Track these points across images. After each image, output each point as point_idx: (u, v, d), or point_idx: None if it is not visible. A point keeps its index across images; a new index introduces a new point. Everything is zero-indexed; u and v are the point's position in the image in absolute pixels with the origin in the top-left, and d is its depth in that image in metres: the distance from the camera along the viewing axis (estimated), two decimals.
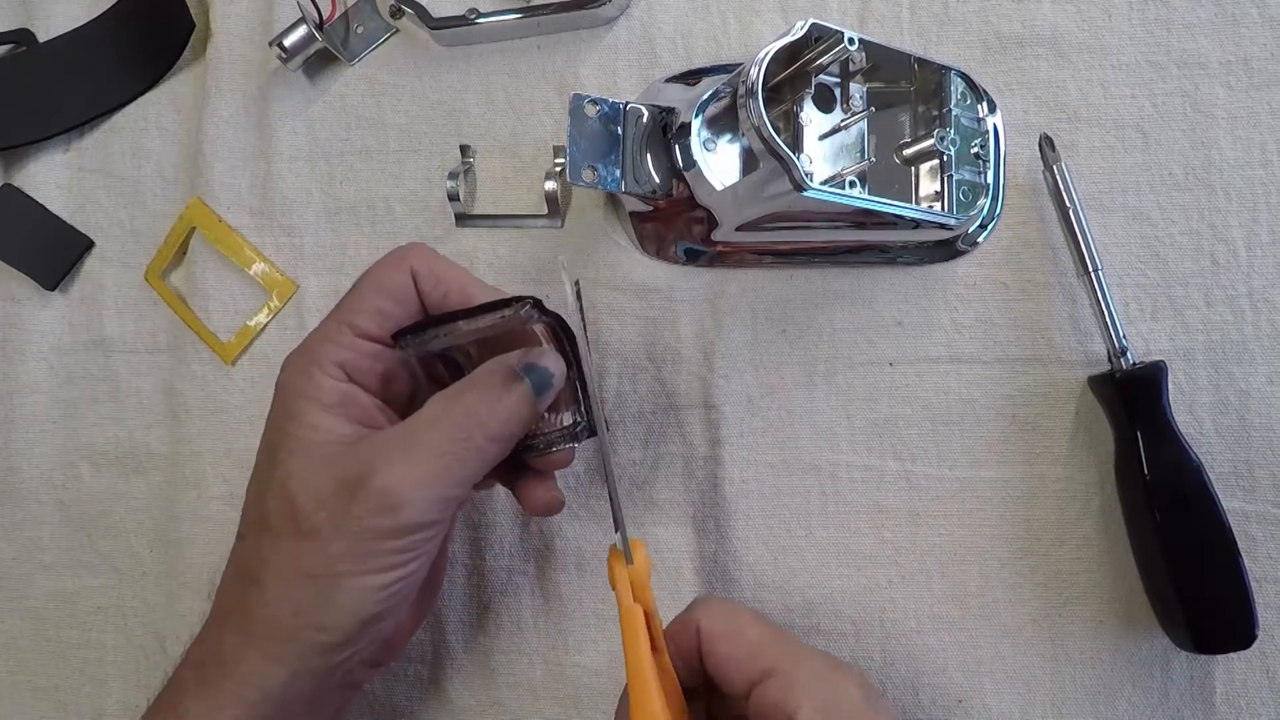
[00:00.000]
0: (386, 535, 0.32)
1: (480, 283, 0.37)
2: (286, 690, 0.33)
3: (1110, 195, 0.44)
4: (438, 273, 0.36)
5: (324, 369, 0.34)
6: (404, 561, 0.33)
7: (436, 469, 0.32)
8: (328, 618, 0.32)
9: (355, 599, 0.32)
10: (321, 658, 0.33)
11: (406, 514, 0.32)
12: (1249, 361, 0.43)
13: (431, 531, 0.33)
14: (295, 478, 0.33)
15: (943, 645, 0.43)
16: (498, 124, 0.46)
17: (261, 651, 0.33)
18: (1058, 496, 0.43)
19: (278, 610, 0.32)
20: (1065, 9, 0.45)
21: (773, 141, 0.34)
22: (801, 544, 0.44)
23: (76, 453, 0.48)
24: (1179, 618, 0.40)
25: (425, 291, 0.36)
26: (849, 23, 0.45)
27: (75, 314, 0.49)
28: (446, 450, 0.33)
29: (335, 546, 0.32)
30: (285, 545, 0.33)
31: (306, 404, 0.34)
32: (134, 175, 0.49)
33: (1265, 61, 0.44)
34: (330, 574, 0.32)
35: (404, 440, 0.33)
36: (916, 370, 0.44)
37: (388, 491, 0.32)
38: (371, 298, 0.35)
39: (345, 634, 0.33)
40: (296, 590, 0.32)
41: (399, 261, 0.36)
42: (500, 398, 0.34)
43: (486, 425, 0.33)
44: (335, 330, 0.35)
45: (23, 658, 0.48)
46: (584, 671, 0.44)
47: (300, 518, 0.32)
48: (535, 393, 0.34)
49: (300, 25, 0.45)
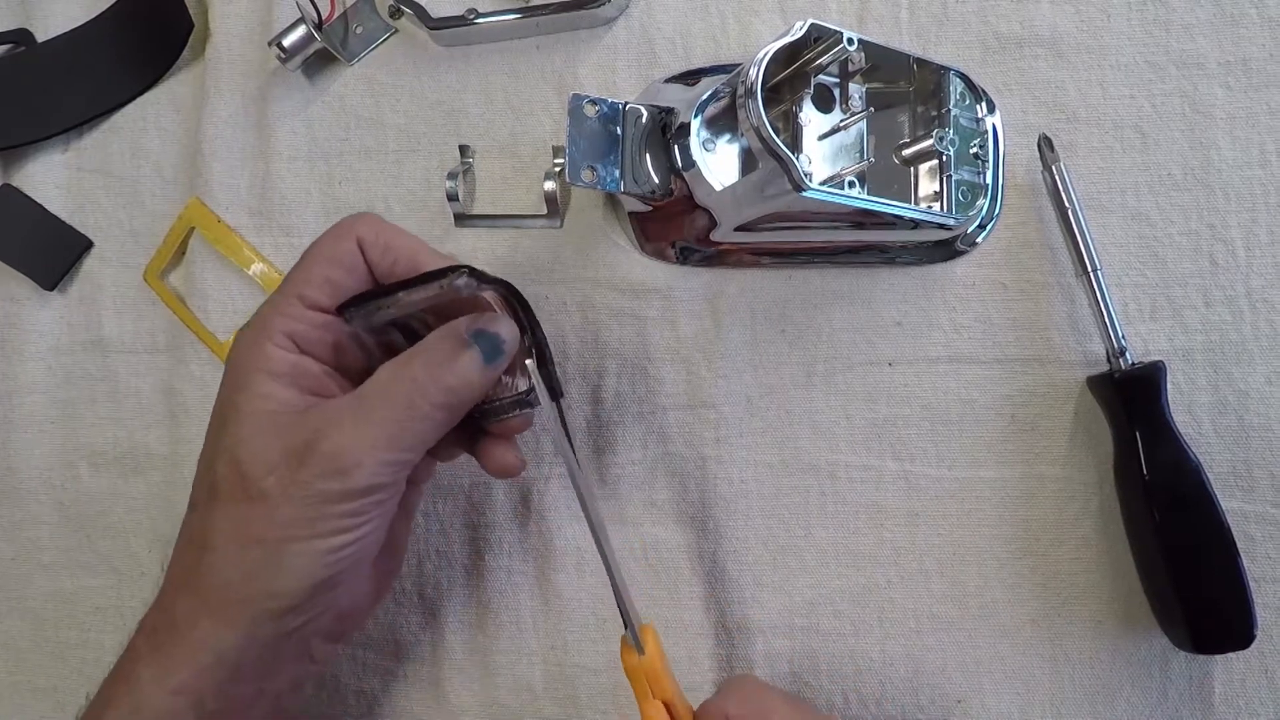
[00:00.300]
0: (336, 499, 0.32)
1: (432, 251, 0.37)
2: (239, 655, 0.33)
3: (1109, 195, 0.44)
4: (385, 241, 0.36)
5: (273, 340, 0.34)
6: (353, 526, 0.33)
7: (386, 433, 0.33)
8: (277, 582, 0.33)
9: (304, 563, 0.33)
10: (273, 623, 0.33)
11: (356, 477, 0.32)
12: (1248, 362, 0.43)
13: (382, 495, 0.34)
14: (244, 445, 0.33)
15: (942, 645, 0.43)
16: (497, 124, 0.46)
17: (214, 616, 0.33)
18: (1056, 496, 0.43)
19: (228, 575, 0.33)
20: (1064, 9, 0.45)
21: (772, 142, 0.34)
22: (800, 544, 0.44)
23: (75, 453, 0.48)
24: (1178, 618, 0.40)
25: (374, 261, 0.36)
26: (848, 23, 0.45)
27: (74, 314, 0.49)
28: (395, 416, 0.33)
29: (284, 511, 0.32)
30: (234, 511, 0.33)
31: (256, 375, 0.34)
32: (133, 175, 0.49)
33: (1264, 62, 0.44)
34: (279, 538, 0.32)
35: (354, 406, 0.33)
36: (915, 370, 0.44)
37: (337, 455, 0.32)
38: (320, 268, 0.35)
39: (295, 598, 0.33)
40: (246, 555, 0.33)
41: (346, 231, 0.36)
42: (448, 364, 0.34)
43: (434, 392, 0.33)
44: (284, 302, 0.35)
45: (21, 658, 0.48)
46: (583, 672, 0.44)
47: (248, 483, 0.33)
48: (485, 359, 0.34)
49: (299, 25, 0.45)
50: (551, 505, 0.45)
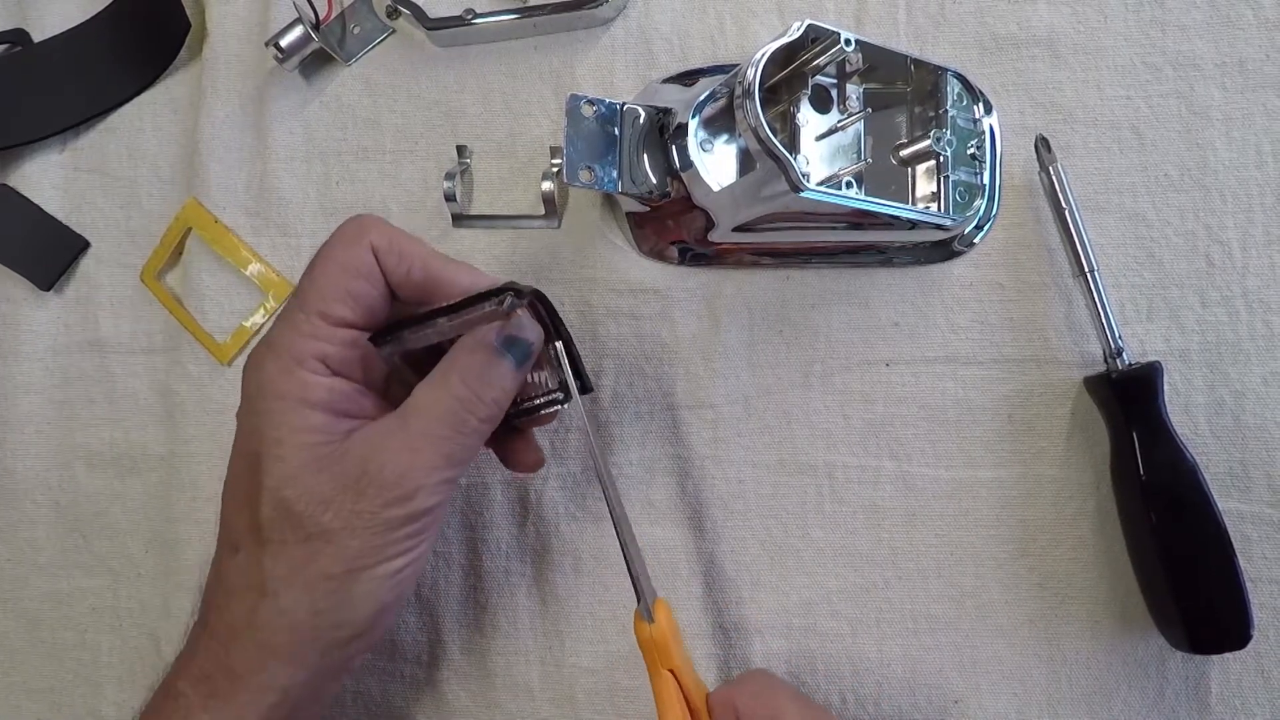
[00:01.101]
0: (401, 524, 0.33)
1: (441, 256, 0.35)
2: (303, 690, 0.33)
3: (1106, 196, 0.44)
4: (399, 247, 0.34)
5: (305, 365, 0.33)
6: (415, 546, 0.34)
7: (440, 453, 0.33)
8: (346, 614, 0.33)
9: (372, 589, 0.33)
10: (340, 652, 0.34)
11: (419, 500, 0.33)
12: (1244, 362, 0.43)
13: (440, 512, 0.35)
14: (291, 484, 0.32)
15: (939, 645, 0.43)
16: (494, 124, 0.46)
17: (280, 658, 0.33)
18: (1054, 497, 0.43)
19: (296, 617, 0.32)
20: (1061, 10, 0.45)
21: (769, 142, 0.34)
22: (798, 544, 0.44)
23: (72, 453, 0.48)
24: (1174, 618, 0.40)
25: (389, 269, 0.34)
26: (845, 24, 0.45)
27: (71, 315, 0.49)
28: (445, 435, 0.33)
29: (350, 544, 0.32)
30: (291, 552, 0.32)
31: (291, 405, 0.33)
32: (130, 176, 0.49)
33: (1260, 63, 0.45)
34: (347, 570, 0.32)
35: (401, 429, 0.33)
36: (913, 371, 0.44)
37: (397, 482, 0.32)
38: (338, 279, 0.33)
39: (361, 626, 0.33)
40: (313, 593, 0.32)
41: (358, 236, 0.34)
42: (487, 377, 0.34)
43: (479, 407, 0.34)
44: (307, 322, 0.33)
45: (17, 659, 0.48)
46: (580, 672, 0.44)
47: (304, 521, 0.32)
48: (516, 365, 0.35)
49: (296, 25, 0.44)
50: (549, 506, 0.45)
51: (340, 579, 0.32)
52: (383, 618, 0.34)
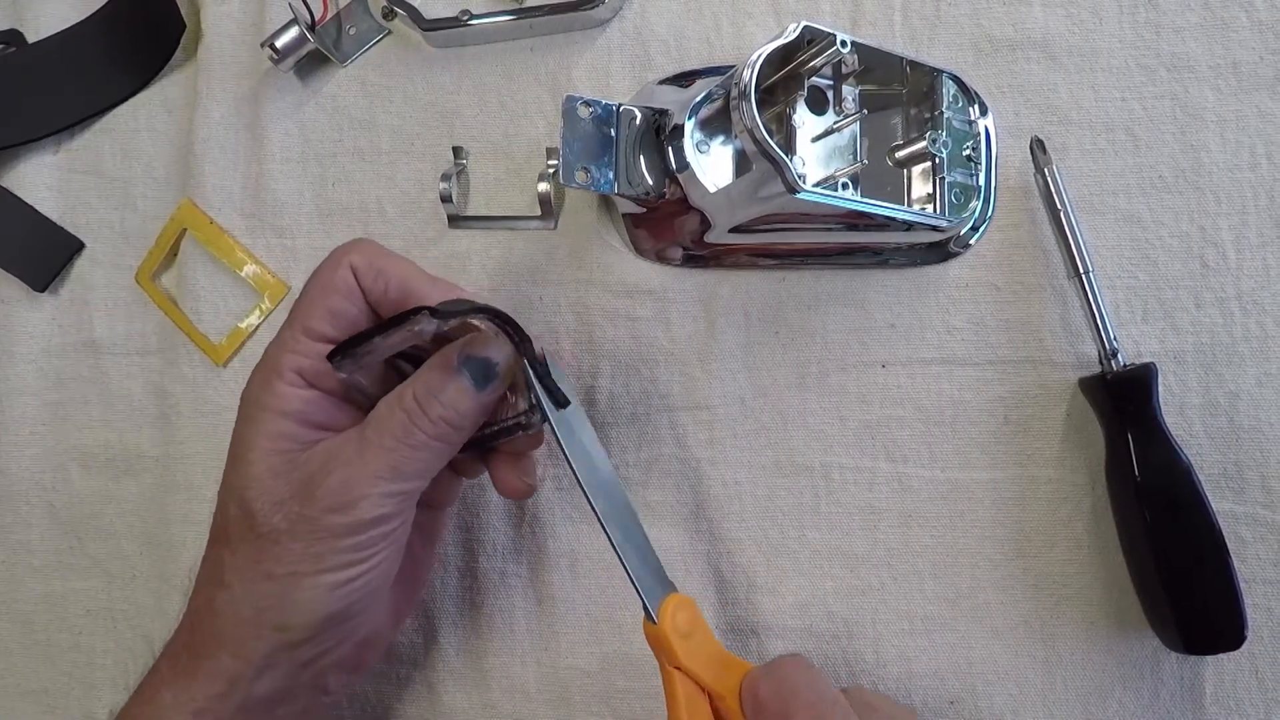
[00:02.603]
0: (341, 533, 0.33)
1: (424, 275, 0.37)
2: (252, 685, 0.34)
3: (1101, 198, 0.44)
4: (378, 266, 0.36)
5: (283, 377, 0.35)
6: (361, 559, 0.34)
7: (386, 464, 0.33)
8: (288, 616, 0.33)
9: (314, 597, 0.33)
10: (287, 654, 0.34)
11: (360, 510, 0.33)
12: (1238, 364, 0.44)
13: (388, 527, 0.34)
14: (253, 484, 0.34)
15: (935, 646, 0.43)
16: (491, 125, 0.46)
17: (228, 649, 0.34)
18: (1049, 498, 0.44)
19: (241, 610, 0.34)
20: (1056, 12, 0.45)
21: (766, 144, 0.34)
22: (794, 545, 0.44)
23: (66, 455, 0.48)
24: (1169, 619, 0.40)
25: (367, 286, 0.36)
26: (841, 25, 0.45)
27: (65, 316, 0.49)
28: (393, 447, 0.34)
29: (292, 547, 0.33)
30: (245, 549, 0.34)
31: (266, 414, 0.35)
32: (124, 177, 0.49)
33: (1254, 65, 0.45)
34: (288, 573, 0.33)
35: (355, 440, 0.34)
36: (909, 372, 0.44)
37: (340, 490, 0.33)
38: (319, 297, 0.36)
39: (306, 632, 0.34)
40: (257, 591, 0.34)
41: (340, 258, 0.36)
42: (439, 392, 0.34)
43: (426, 422, 0.34)
44: (290, 337, 0.35)
45: (11, 661, 0.47)
46: (577, 674, 0.44)
47: (257, 521, 0.34)
48: (475, 385, 0.35)
49: (292, 26, 0.44)
50: (545, 507, 0.45)
51: (281, 580, 0.33)
52: (336, 629, 0.34)
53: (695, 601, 0.36)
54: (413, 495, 0.35)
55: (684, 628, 0.35)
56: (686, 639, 0.35)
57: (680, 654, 0.35)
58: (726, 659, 0.36)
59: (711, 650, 0.36)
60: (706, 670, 0.35)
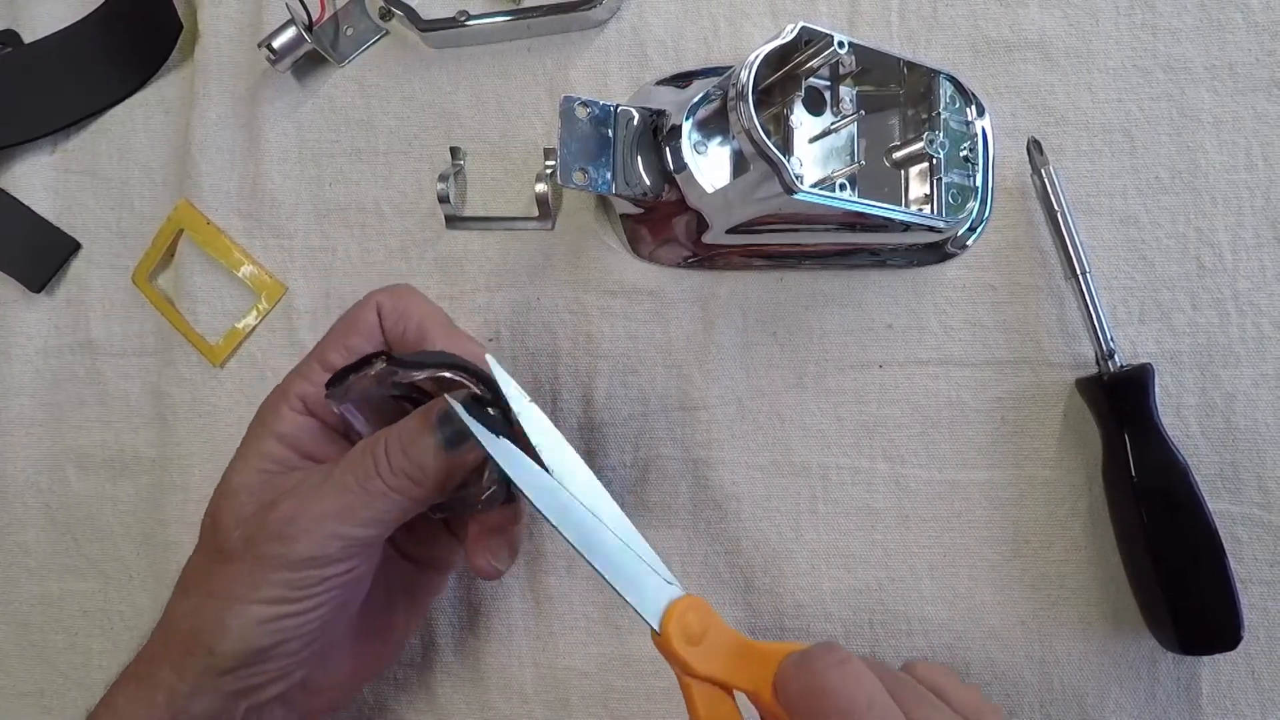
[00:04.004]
0: (279, 565, 0.32)
1: (444, 325, 0.36)
2: (188, 704, 0.33)
3: (1097, 199, 0.44)
4: (401, 308, 0.36)
5: (287, 400, 0.35)
6: (295, 597, 0.32)
7: (337, 505, 0.32)
8: (216, 640, 0.32)
9: (241, 626, 0.32)
10: (213, 680, 0.33)
11: (300, 546, 0.32)
12: (1234, 364, 0.44)
13: (329, 571, 0.33)
14: (226, 500, 0.34)
15: (932, 647, 0.43)
16: (488, 126, 0.46)
17: (169, 663, 0.33)
18: (1046, 499, 0.44)
19: (184, 624, 0.34)
20: (1053, 13, 0.45)
21: (763, 144, 0.34)
22: (791, 546, 0.44)
23: (63, 455, 0.48)
24: (1165, 619, 0.40)
25: (387, 328, 0.36)
26: (838, 26, 0.45)
27: (61, 316, 0.49)
28: (350, 489, 0.33)
29: (235, 568, 0.33)
30: (204, 562, 0.34)
31: (264, 432, 0.35)
32: (121, 177, 0.49)
33: (1250, 66, 0.45)
34: (225, 596, 0.32)
35: (320, 475, 0.33)
36: (906, 372, 0.44)
37: (285, 521, 0.32)
38: (340, 333, 0.36)
39: (232, 660, 0.32)
40: (201, 607, 0.33)
41: (370, 298, 0.37)
42: (408, 445, 0.33)
43: (387, 472, 0.33)
44: (306, 365, 0.36)
45: (7, 663, 0.47)
46: (574, 674, 0.44)
47: (219, 537, 0.33)
48: (446, 443, 0.33)
49: (289, 27, 0.44)
50: None
51: (220, 601, 0.32)
52: (262, 665, 0.33)
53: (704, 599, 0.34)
54: (364, 544, 0.33)
55: (695, 631, 0.33)
56: (698, 643, 0.32)
57: (692, 661, 0.32)
58: (752, 650, 0.33)
59: (731, 646, 0.33)
60: (729, 669, 0.32)
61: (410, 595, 0.40)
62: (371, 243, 0.46)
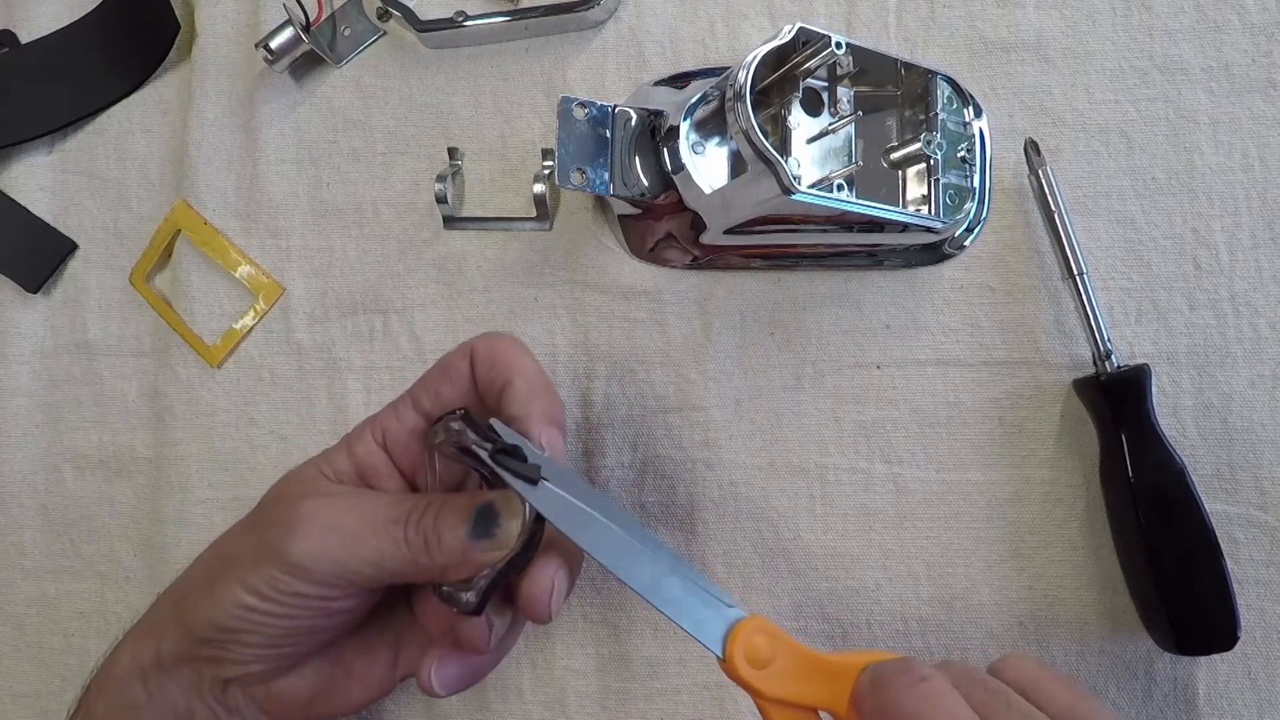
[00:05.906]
0: (274, 558, 0.33)
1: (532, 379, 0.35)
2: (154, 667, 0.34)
3: (1095, 199, 0.45)
4: (493, 356, 0.36)
5: (371, 430, 0.37)
6: (271, 597, 0.32)
7: (350, 526, 0.33)
8: (199, 607, 0.34)
9: (218, 600, 0.33)
10: (176, 646, 0.34)
11: (295, 544, 0.32)
12: (1231, 365, 0.44)
13: (312, 589, 0.33)
14: (286, 483, 0.36)
15: (929, 647, 0.43)
16: (486, 126, 0.46)
17: (148, 620, 0.36)
18: (1043, 499, 0.44)
19: (181, 584, 0.36)
20: (1050, 14, 0.45)
21: (761, 145, 0.34)
22: (789, 546, 0.44)
23: (59, 456, 0.48)
24: (1162, 619, 0.40)
25: (479, 375, 0.36)
26: (836, 27, 0.46)
27: (58, 317, 0.48)
28: (371, 520, 0.33)
29: (250, 539, 0.34)
30: (247, 520, 0.36)
31: (343, 445, 0.37)
32: (118, 178, 0.49)
33: (1246, 67, 0.45)
34: (224, 567, 0.34)
35: (360, 497, 0.35)
36: (904, 373, 0.44)
37: (304, 512, 0.33)
38: (433, 377, 0.37)
39: (203, 628, 0.33)
40: (206, 566, 0.35)
41: (467, 345, 0.37)
42: (439, 515, 0.33)
43: (413, 534, 0.33)
44: (400, 401, 0.37)
45: (3, 664, 0.47)
46: (571, 675, 0.44)
47: (265, 507, 0.36)
48: (471, 531, 0.33)
49: (286, 27, 0.44)
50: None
51: (217, 567, 0.34)
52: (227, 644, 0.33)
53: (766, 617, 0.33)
54: (351, 579, 0.33)
55: (762, 654, 0.32)
56: (766, 665, 0.32)
57: (760, 685, 0.31)
58: (826, 665, 0.32)
59: (803, 663, 0.32)
60: (802, 689, 0.31)
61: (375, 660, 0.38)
62: (369, 243, 0.46)
